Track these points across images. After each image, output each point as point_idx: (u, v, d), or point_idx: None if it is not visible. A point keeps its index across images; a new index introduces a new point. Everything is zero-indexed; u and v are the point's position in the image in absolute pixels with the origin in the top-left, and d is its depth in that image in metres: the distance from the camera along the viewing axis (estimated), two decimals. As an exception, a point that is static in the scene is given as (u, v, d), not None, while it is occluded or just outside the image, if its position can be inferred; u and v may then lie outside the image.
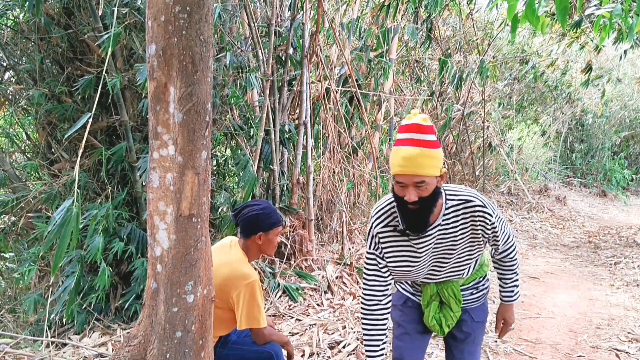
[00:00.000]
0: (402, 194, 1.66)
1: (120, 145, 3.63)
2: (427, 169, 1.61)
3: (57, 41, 3.81)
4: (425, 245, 1.79)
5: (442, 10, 7.17)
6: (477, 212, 1.75)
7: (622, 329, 3.82)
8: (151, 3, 1.58)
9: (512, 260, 1.98)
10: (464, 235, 1.79)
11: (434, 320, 1.96)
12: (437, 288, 1.94)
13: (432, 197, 1.65)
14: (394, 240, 1.83)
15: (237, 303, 2.09)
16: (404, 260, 1.84)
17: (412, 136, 1.63)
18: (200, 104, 1.64)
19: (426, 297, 1.96)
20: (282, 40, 4.66)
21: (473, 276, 1.97)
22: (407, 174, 1.62)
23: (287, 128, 4.64)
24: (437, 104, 8.49)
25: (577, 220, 9.06)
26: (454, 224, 1.77)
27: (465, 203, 1.76)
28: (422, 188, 1.63)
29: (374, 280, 1.88)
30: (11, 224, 4.08)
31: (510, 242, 1.92)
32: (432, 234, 1.77)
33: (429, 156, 1.61)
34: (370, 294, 1.88)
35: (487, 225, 1.77)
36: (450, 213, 1.76)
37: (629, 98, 12.90)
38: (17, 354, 2.86)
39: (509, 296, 2.03)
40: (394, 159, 1.66)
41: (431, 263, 1.85)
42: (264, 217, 2.21)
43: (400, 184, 1.65)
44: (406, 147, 1.63)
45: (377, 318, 1.88)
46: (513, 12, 2.57)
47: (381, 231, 1.83)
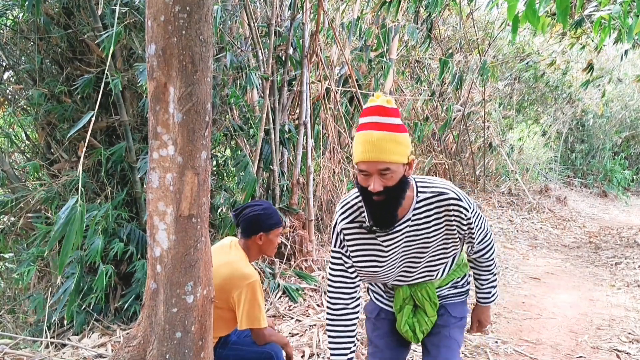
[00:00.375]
0: (366, 183, 1.51)
1: (120, 146, 3.63)
2: (392, 155, 1.47)
3: (56, 41, 3.81)
4: (394, 243, 1.65)
5: (443, 10, 7.17)
6: (452, 206, 1.60)
7: (623, 329, 3.81)
8: (151, 3, 1.58)
9: (489, 260, 1.83)
10: (437, 231, 1.64)
11: (406, 325, 1.79)
12: (411, 290, 1.79)
13: (399, 187, 1.51)
14: (359, 238, 1.68)
15: (238, 303, 2.08)
16: (370, 259, 1.69)
17: (374, 119, 1.49)
18: (200, 104, 1.63)
19: (398, 300, 1.80)
20: (282, 40, 4.65)
21: (450, 276, 1.83)
22: (370, 160, 1.47)
23: (287, 128, 4.64)
24: (438, 104, 8.49)
25: (578, 220, 9.05)
26: (427, 219, 1.62)
27: (439, 196, 1.61)
28: (388, 176, 1.48)
29: (340, 282, 1.72)
30: (10, 225, 4.08)
31: (488, 241, 1.77)
32: (401, 230, 1.62)
33: (394, 141, 1.48)
34: (336, 297, 1.72)
35: (463, 221, 1.63)
36: (422, 207, 1.61)
37: (629, 98, 12.90)
38: (16, 354, 2.86)
39: (485, 298, 1.91)
40: (356, 145, 1.52)
41: (402, 263, 1.71)
42: (265, 217, 2.21)
43: (364, 172, 1.51)
44: (368, 131, 1.48)
45: (345, 324, 1.72)
46: (513, 13, 2.57)
47: (346, 227, 1.68)
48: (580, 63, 10.71)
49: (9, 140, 4.41)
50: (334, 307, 1.72)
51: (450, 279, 1.83)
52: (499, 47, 9.55)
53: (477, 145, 9.59)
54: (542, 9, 2.57)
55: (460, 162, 9.46)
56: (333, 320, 1.72)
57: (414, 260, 1.70)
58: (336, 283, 1.72)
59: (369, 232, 1.65)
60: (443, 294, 1.85)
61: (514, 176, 10.00)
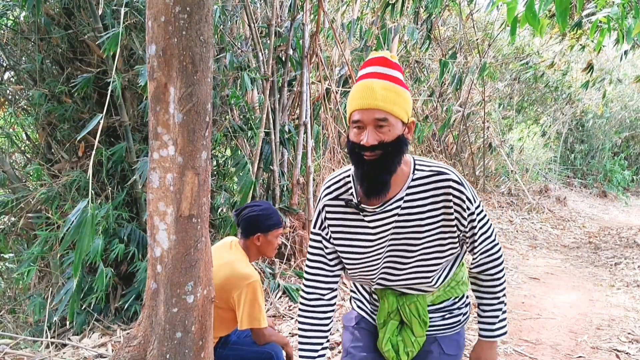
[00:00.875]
0: (359, 138, 1.32)
1: (120, 146, 3.63)
2: (392, 105, 1.30)
3: (57, 41, 3.81)
4: (381, 226, 1.42)
5: (442, 10, 7.17)
6: (453, 190, 1.37)
7: (623, 329, 3.82)
8: (151, 3, 1.58)
9: (494, 280, 1.49)
10: (433, 219, 1.40)
11: (389, 344, 1.53)
12: (398, 303, 1.51)
13: (396, 145, 1.32)
14: (343, 218, 1.47)
15: (238, 303, 2.09)
16: (354, 244, 1.46)
17: (376, 69, 1.34)
18: (200, 105, 1.63)
19: (383, 313, 1.54)
20: (282, 40, 4.66)
21: (446, 294, 1.54)
22: (366, 107, 1.30)
23: (287, 128, 4.64)
24: (437, 104, 8.50)
25: (578, 220, 9.05)
26: (422, 201, 1.39)
27: (438, 175, 1.39)
28: (384, 130, 1.30)
29: (317, 268, 1.53)
30: (11, 225, 4.08)
31: (493, 253, 1.47)
32: (391, 211, 1.40)
33: (396, 92, 1.32)
34: (312, 285, 1.53)
35: (464, 212, 1.38)
36: (418, 187, 1.40)
37: (629, 99, 12.91)
38: (16, 354, 2.86)
39: (486, 330, 1.52)
40: (351, 96, 1.35)
41: (390, 254, 1.46)
42: (264, 218, 2.21)
43: (358, 124, 1.32)
44: (368, 79, 1.33)
45: (318, 317, 1.54)
46: (513, 15, 2.57)
47: (329, 204, 1.48)
48: (580, 64, 10.71)
49: (10, 140, 4.41)
50: (308, 297, 1.54)
51: (445, 296, 1.54)
52: (498, 47, 9.56)
53: (477, 145, 9.59)
54: (541, 11, 2.57)
55: (460, 163, 9.47)
56: (306, 312, 1.54)
57: (403, 252, 1.44)
58: (313, 269, 1.54)
59: (354, 211, 1.45)
60: (435, 323, 1.55)
61: (513, 176, 10.01)
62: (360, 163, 1.34)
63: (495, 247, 1.49)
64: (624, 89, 12.84)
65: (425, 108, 8.47)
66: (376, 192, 1.35)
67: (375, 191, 1.35)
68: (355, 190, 1.44)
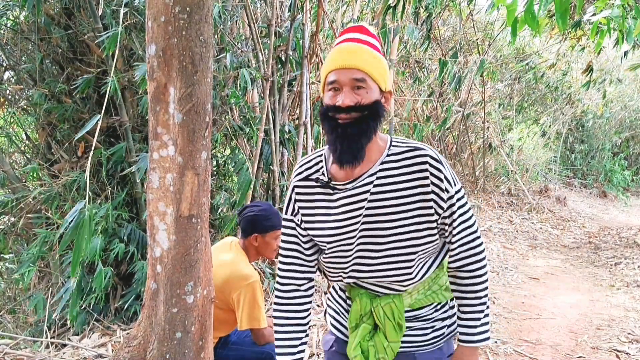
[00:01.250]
0: (334, 100, 1.25)
1: (120, 146, 3.63)
2: (371, 67, 1.25)
3: (57, 41, 3.81)
4: (353, 203, 1.30)
5: (442, 10, 7.18)
6: (430, 166, 1.27)
7: (623, 329, 3.82)
8: (151, 4, 1.58)
9: (475, 278, 1.34)
10: (408, 197, 1.28)
11: (359, 349, 1.37)
12: (372, 305, 1.37)
13: (374, 109, 1.25)
14: (313, 199, 1.37)
15: (237, 303, 2.09)
16: (324, 225, 1.35)
17: (354, 35, 1.29)
18: (200, 105, 1.63)
19: (355, 315, 1.39)
20: (282, 40, 4.66)
21: (427, 298, 1.39)
22: (345, 67, 1.24)
23: (287, 128, 4.64)
24: (437, 104, 8.50)
25: (578, 220, 9.05)
26: (396, 177, 1.29)
27: (415, 150, 1.29)
28: (362, 92, 1.24)
29: (292, 257, 1.42)
30: (11, 225, 4.08)
31: (474, 246, 1.33)
32: (363, 186, 1.29)
33: (374, 57, 1.27)
34: (287, 276, 1.42)
35: (443, 192, 1.27)
36: (393, 162, 1.30)
37: (629, 99, 12.91)
38: (16, 354, 2.86)
39: (467, 334, 1.36)
40: (327, 60, 1.29)
41: (361, 239, 1.32)
42: (262, 218, 2.21)
43: (334, 85, 1.26)
44: (345, 43, 1.28)
45: (294, 309, 1.42)
46: (512, 17, 2.56)
47: (299, 185, 1.39)
48: (580, 64, 10.72)
49: (9, 140, 4.41)
50: (284, 289, 1.43)
51: (426, 301, 1.39)
52: (499, 47, 9.56)
53: (476, 145, 9.59)
54: (541, 12, 2.57)
55: (460, 163, 9.47)
56: (281, 305, 1.43)
57: (376, 238, 1.31)
58: (287, 258, 1.43)
59: (325, 191, 1.35)
60: (414, 337, 1.39)
61: (513, 176, 10.01)
62: (334, 127, 1.26)
63: (476, 240, 1.34)
64: (624, 89, 12.84)
65: (425, 108, 8.48)
66: (351, 159, 1.25)
67: (349, 157, 1.25)
68: (327, 169, 1.36)
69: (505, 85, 10.69)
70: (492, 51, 9.12)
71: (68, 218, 1.93)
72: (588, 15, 3.35)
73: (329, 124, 1.27)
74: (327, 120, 1.27)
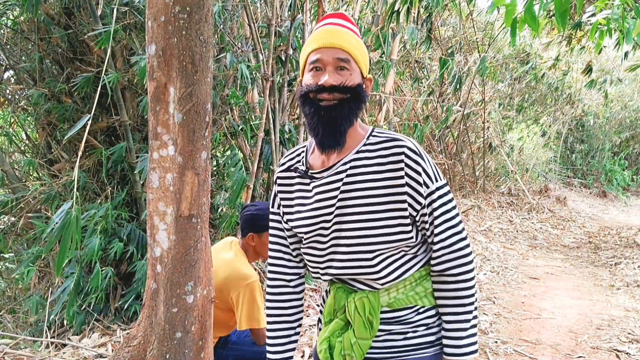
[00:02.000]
0: (317, 80, 1.20)
1: (120, 146, 3.63)
2: (355, 50, 1.22)
3: (57, 41, 3.81)
4: (328, 191, 1.25)
5: (442, 10, 7.17)
6: (405, 157, 1.20)
7: (623, 329, 3.82)
8: (151, 3, 1.58)
9: (460, 283, 1.24)
10: (380, 187, 1.21)
11: (325, 343, 1.29)
12: (347, 299, 1.29)
13: (357, 92, 1.20)
14: (292, 190, 1.34)
15: (236, 304, 2.09)
16: (302, 215, 1.31)
17: (334, 20, 1.27)
18: (200, 104, 1.63)
19: (329, 309, 1.33)
20: (282, 40, 4.66)
21: (408, 299, 1.27)
22: (328, 45, 1.20)
23: (287, 128, 4.64)
24: (437, 104, 8.50)
25: (578, 220, 9.06)
26: (367, 167, 1.23)
27: (392, 141, 1.23)
28: (345, 73, 1.20)
29: (279, 251, 1.40)
30: (10, 225, 4.08)
31: (459, 248, 1.23)
32: (338, 174, 1.24)
33: (358, 41, 1.25)
34: (275, 271, 1.39)
35: (420, 187, 1.19)
36: (367, 151, 1.25)
37: (629, 99, 12.91)
38: (16, 354, 2.86)
39: (451, 346, 1.24)
40: (308, 41, 1.26)
41: (335, 231, 1.26)
42: (258, 218, 2.21)
43: (316, 64, 1.21)
44: (329, 25, 1.25)
45: (283, 306, 1.39)
46: (511, 17, 2.56)
47: (280, 176, 1.37)
48: (580, 63, 10.71)
49: (9, 140, 4.42)
50: (272, 284, 1.40)
51: (407, 302, 1.27)
52: (499, 47, 9.56)
53: (476, 145, 9.59)
54: (541, 12, 2.56)
55: (460, 163, 9.47)
56: (270, 302, 1.40)
57: (347, 230, 1.25)
58: (275, 253, 1.40)
59: (304, 181, 1.31)
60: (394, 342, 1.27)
61: (513, 176, 10.01)
62: (316, 110, 1.20)
63: (461, 241, 1.23)
64: (624, 89, 12.85)
65: (425, 108, 8.48)
66: (333, 143, 1.21)
67: (331, 141, 1.20)
68: (306, 159, 1.33)
69: (505, 86, 10.69)
70: (492, 51, 9.11)
71: (55, 218, 1.93)
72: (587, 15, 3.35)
73: (310, 107, 1.21)
74: (308, 102, 1.21)
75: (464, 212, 7.82)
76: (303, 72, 1.26)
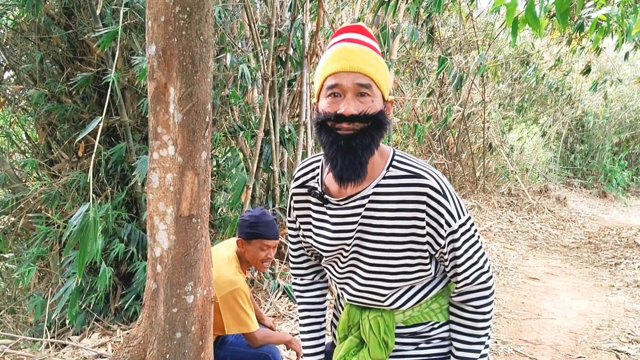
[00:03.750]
0: (335, 107, 1.10)
1: (120, 146, 3.63)
2: (377, 73, 1.11)
3: (57, 41, 3.81)
4: (344, 224, 1.20)
5: (443, 10, 7.17)
6: (429, 198, 1.12)
7: (623, 329, 3.82)
8: (151, 3, 1.58)
9: (478, 315, 1.20)
10: (401, 226, 1.15)
11: None
12: (361, 317, 1.27)
13: (379, 120, 1.10)
14: (308, 207, 1.29)
15: (221, 309, 2.06)
16: (317, 238, 1.28)
17: (353, 36, 1.15)
18: (200, 105, 1.63)
19: (343, 326, 1.31)
20: (282, 40, 4.66)
21: (422, 316, 1.25)
22: (348, 70, 1.09)
23: (287, 128, 4.64)
24: (437, 104, 8.50)
25: (578, 221, 9.05)
26: (389, 204, 1.15)
27: (415, 178, 1.13)
28: (367, 99, 1.09)
29: (300, 255, 1.44)
30: (11, 225, 4.08)
31: (481, 282, 1.18)
32: (355, 208, 1.18)
33: (379, 61, 1.13)
34: (299, 274, 1.46)
35: (441, 228, 1.13)
36: (388, 186, 1.15)
37: (629, 99, 12.91)
38: (16, 354, 2.86)
39: None
40: (325, 61, 1.14)
41: (352, 261, 1.24)
42: (247, 224, 2.14)
43: (334, 90, 1.10)
44: (345, 44, 1.13)
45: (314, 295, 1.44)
46: (512, 17, 2.55)
47: (296, 192, 1.31)
48: (580, 64, 10.71)
49: (10, 140, 4.41)
50: (301, 282, 1.46)
51: (422, 319, 1.25)
52: (499, 47, 9.56)
53: (477, 145, 9.59)
54: (542, 12, 2.56)
55: (460, 163, 9.47)
56: (302, 294, 1.45)
57: (366, 263, 1.21)
58: (297, 258, 1.45)
59: (319, 202, 1.25)
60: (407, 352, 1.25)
61: (513, 177, 10.01)
62: (334, 139, 1.10)
63: (483, 275, 1.18)
64: (624, 90, 12.85)
65: (425, 108, 8.48)
66: (353, 176, 1.11)
67: (351, 174, 1.11)
68: (321, 178, 1.25)
69: (505, 86, 10.69)
70: (492, 51, 9.11)
71: (73, 221, 1.93)
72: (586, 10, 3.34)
73: (327, 136, 1.12)
74: (325, 131, 1.12)
75: (464, 212, 7.81)
76: (319, 95, 1.16)
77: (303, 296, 1.45)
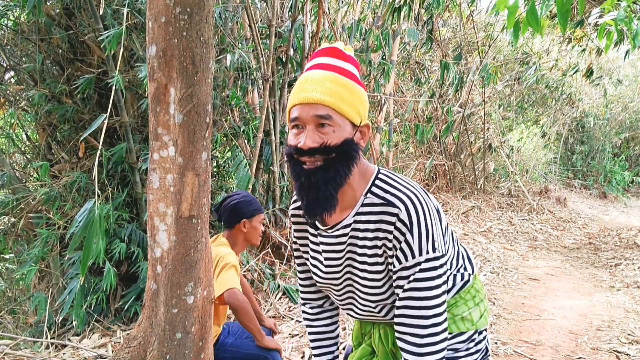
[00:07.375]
0: (297, 140, 1.08)
1: (120, 146, 3.63)
2: (339, 101, 1.06)
3: (57, 42, 3.82)
4: (333, 252, 1.20)
5: (443, 11, 7.18)
6: (395, 228, 1.09)
7: (623, 330, 3.82)
8: (152, 4, 1.58)
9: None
10: (378, 255, 1.14)
11: None
12: (372, 326, 1.31)
13: (342, 150, 1.06)
14: (303, 226, 1.30)
15: None
16: (312, 262, 1.30)
17: (325, 60, 1.11)
18: (200, 105, 1.63)
19: (356, 333, 1.38)
20: (282, 41, 4.66)
21: None
22: (306, 102, 1.06)
23: (287, 129, 4.65)
24: (438, 105, 8.50)
25: (578, 221, 9.05)
26: (367, 230, 1.14)
27: (387, 206, 1.10)
28: (327, 130, 1.05)
29: (307, 278, 1.42)
30: (11, 225, 4.08)
31: (418, 344, 1.08)
32: (340, 237, 1.18)
33: (346, 86, 1.07)
34: (307, 298, 1.44)
35: (402, 256, 1.09)
36: (366, 214, 1.14)
37: (629, 100, 12.91)
38: (16, 355, 2.86)
39: None
40: (293, 90, 1.14)
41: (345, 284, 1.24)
42: (245, 204, 2.25)
43: (296, 122, 1.09)
44: (314, 70, 1.10)
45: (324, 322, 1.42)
46: (513, 20, 2.55)
47: (293, 214, 1.32)
48: (581, 64, 10.72)
49: (10, 141, 4.42)
50: (308, 309, 1.45)
51: None
52: (499, 48, 9.56)
53: (476, 146, 9.59)
54: (543, 13, 2.56)
55: (460, 163, 9.47)
56: (309, 322, 1.44)
57: (358, 291, 1.21)
58: (304, 281, 1.44)
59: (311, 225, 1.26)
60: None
61: (513, 177, 10.01)
62: (298, 173, 1.09)
63: (424, 338, 1.07)
64: (625, 90, 12.85)
65: (425, 109, 8.48)
66: (319, 211, 1.09)
67: (317, 209, 1.08)
68: (297, 193, 1.22)
69: (505, 86, 10.69)
70: (492, 52, 9.11)
71: (78, 217, 1.93)
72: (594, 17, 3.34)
73: (293, 168, 1.10)
74: (292, 163, 1.10)
75: (463, 213, 7.82)
76: (289, 124, 1.15)
77: (313, 325, 1.43)
